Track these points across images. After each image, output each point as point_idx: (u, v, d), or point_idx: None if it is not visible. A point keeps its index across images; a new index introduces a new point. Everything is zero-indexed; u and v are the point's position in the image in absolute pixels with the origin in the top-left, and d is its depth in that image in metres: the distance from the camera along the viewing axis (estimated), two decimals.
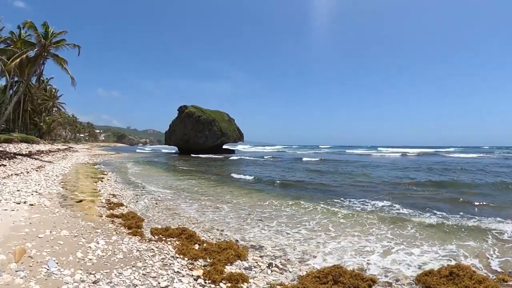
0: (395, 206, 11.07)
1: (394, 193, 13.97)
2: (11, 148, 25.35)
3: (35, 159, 20.43)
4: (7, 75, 36.80)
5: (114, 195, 11.62)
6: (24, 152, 23.96)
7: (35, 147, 30.87)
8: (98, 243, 6.00)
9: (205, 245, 6.78)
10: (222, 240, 7.43)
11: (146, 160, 38.52)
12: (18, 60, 21.64)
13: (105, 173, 19.65)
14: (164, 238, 6.99)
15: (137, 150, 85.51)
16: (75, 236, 6.28)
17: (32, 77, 23.80)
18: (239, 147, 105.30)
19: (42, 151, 29.35)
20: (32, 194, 9.82)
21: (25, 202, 8.72)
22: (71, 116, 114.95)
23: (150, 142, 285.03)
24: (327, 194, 13.97)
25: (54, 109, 72.65)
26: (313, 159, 41.48)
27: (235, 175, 20.82)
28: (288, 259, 6.41)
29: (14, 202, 8.47)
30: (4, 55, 34.95)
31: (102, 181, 15.27)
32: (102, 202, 10.08)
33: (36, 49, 23.22)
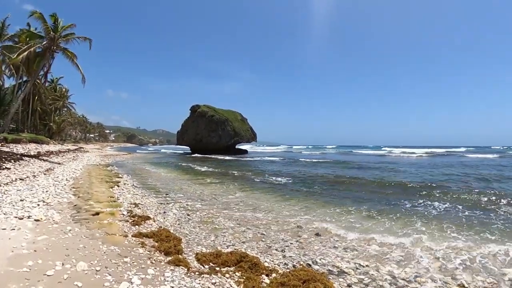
0: None
1: None
2: (19, 148, 23.96)
3: (44, 160, 18.87)
4: (15, 73, 35.69)
5: (136, 205, 9.80)
6: (32, 153, 22.50)
7: (44, 148, 29.51)
8: (132, 283, 4.20)
9: (274, 275, 5.02)
10: (290, 265, 5.69)
11: (160, 161, 36.93)
12: (25, 53, 20.11)
13: (120, 176, 17.95)
14: (217, 268, 5.16)
15: (149, 150, 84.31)
16: (97, 271, 4.49)
17: (40, 72, 22.25)
18: (245, 146, 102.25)
19: (52, 151, 27.95)
20: (38, 205, 8.08)
21: (29, 217, 6.97)
22: (81, 116, 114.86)
23: (160, 142, 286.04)
24: (394, 203, 11.87)
25: (64, 109, 72.04)
26: (328, 160, 39.33)
27: (263, 177, 18.91)
28: None
29: (16, 217, 6.73)
30: (12, 54, 33.88)
31: (118, 186, 13.51)
32: (123, 214, 8.27)
33: (45, 42, 21.70)
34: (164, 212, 9.33)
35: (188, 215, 9.31)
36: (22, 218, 6.87)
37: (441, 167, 28.00)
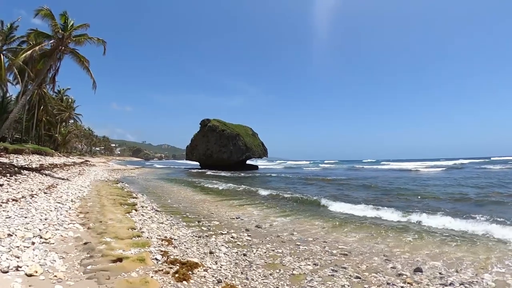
0: None
1: None
2: (20, 160, 21.65)
3: (46, 175, 16.41)
4: (20, 80, 33.97)
5: (168, 241, 7.19)
6: (34, 166, 20.14)
7: (48, 160, 27.23)
8: None
9: None
10: None
11: (172, 177, 34.38)
12: (29, 52, 17.99)
13: (135, 195, 15.40)
14: None
15: (156, 165, 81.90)
16: None
17: (47, 77, 20.14)
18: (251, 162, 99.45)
19: (56, 164, 25.61)
20: (33, 244, 5.55)
21: (18, 268, 4.48)
22: (87, 129, 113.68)
23: (165, 157, 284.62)
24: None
25: (70, 121, 70.48)
26: (350, 176, 36.35)
27: (297, 196, 16.16)
28: None
29: None
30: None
31: (136, 209, 10.93)
32: (157, 259, 5.67)
33: (52, 41, 19.67)
34: (211, 253, 6.68)
35: (244, 254, 6.72)
36: (6, 272, 4.35)
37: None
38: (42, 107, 46.78)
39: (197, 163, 71.69)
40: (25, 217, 7.30)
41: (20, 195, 9.50)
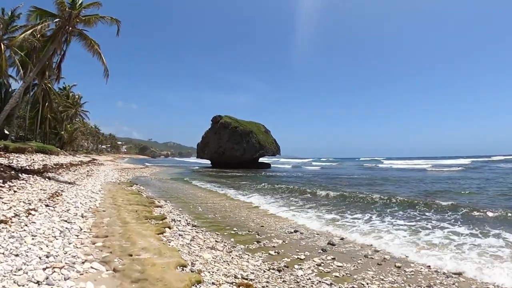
0: None
1: None
2: (21, 160, 19.14)
3: (49, 178, 13.76)
4: (23, 74, 31.40)
5: (247, 286, 4.49)
6: (36, 166, 17.59)
7: (53, 159, 24.72)
8: None
9: None
10: None
11: (187, 177, 31.77)
12: (30, 32, 15.33)
13: (157, 202, 12.74)
14: None
15: (165, 164, 79.53)
16: None
17: (53, 58, 17.45)
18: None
19: (62, 164, 23.08)
20: None
21: None
22: (93, 127, 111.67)
23: (172, 154, 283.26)
24: None
25: (77, 119, 68.17)
26: (375, 176, 33.39)
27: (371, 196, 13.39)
28: None
29: None
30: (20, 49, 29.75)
31: (170, 226, 8.22)
32: None
33: (57, 20, 17.00)
34: None
35: None
36: None
37: None
38: (46, 104, 44.41)
39: (207, 161, 69.40)
40: (16, 255, 4.62)
41: (12, 213, 6.81)
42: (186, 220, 9.77)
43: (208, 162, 70.08)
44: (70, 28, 17.01)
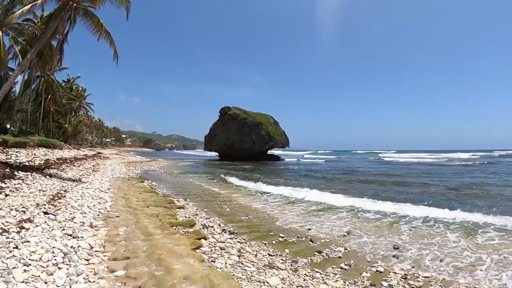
0: None
1: None
2: (21, 155, 17.43)
3: (51, 176, 11.94)
4: (20, 58, 29.41)
5: None
6: (37, 162, 15.85)
7: (56, 154, 23.00)
8: None
9: None
10: None
11: (199, 171, 29.98)
12: (29, 7, 13.37)
13: (176, 201, 10.93)
14: None
15: (172, 157, 77.77)
16: None
17: (55, 36, 15.48)
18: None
19: (65, 159, 21.36)
20: None
21: None
22: (97, 120, 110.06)
23: (176, 147, 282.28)
24: None
25: (81, 111, 66.43)
26: (403, 172, 31.44)
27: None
28: None
29: None
30: (20, 37, 27.77)
31: (205, 237, 6.39)
32: None
33: None
34: None
35: None
36: None
37: None
38: (49, 96, 42.60)
39: (214, 153, 67.63)
40: None
41: (1, 226, 5.00)
42: (219, 225, 7.94)
43: (215, 154, 68.38)
44: (75, 4, 15.04)
